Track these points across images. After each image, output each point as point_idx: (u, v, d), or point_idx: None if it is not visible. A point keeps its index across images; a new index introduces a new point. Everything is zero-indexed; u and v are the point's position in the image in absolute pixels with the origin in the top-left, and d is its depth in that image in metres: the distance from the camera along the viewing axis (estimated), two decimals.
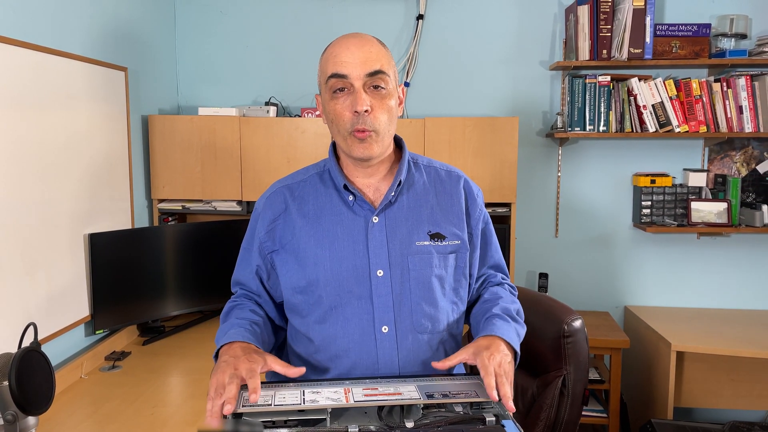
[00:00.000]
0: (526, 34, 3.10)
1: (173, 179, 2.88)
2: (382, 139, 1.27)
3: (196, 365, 2.34)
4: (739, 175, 3.05)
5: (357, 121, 1.23)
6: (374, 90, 1.24)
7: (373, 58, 1.24)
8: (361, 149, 1.26)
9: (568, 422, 1.60)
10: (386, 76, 1.25)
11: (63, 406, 1.97)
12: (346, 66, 1.22)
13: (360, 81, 1.23)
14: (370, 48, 1.25)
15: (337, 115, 1.25)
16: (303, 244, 1.31)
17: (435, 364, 1.20)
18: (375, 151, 1.26)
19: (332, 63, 1.24)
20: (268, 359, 1.17)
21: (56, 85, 2.18)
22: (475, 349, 1.20)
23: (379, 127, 1.25)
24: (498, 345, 1.22)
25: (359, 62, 1.22)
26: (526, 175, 3.14)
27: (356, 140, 1.25)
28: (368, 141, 1.25)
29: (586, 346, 1.64)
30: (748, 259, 3.12)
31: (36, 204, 2.08)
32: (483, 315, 1.35)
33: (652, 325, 2.87)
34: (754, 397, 2.88)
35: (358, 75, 1.22)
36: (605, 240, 3.19)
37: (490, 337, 1.24)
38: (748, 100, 2.85)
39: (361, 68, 1.22)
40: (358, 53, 1.23)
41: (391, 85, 1.27)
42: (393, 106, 1.28)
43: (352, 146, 1.26)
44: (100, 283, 2.40)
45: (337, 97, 1.25)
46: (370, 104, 1.23)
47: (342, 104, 1.24)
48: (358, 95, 1.22)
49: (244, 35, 3.19)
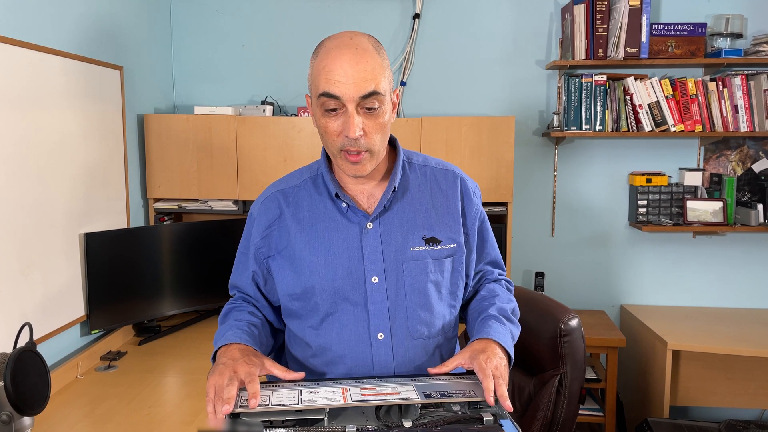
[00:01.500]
0: (522, 33, 3.10)
1: (169, 179, 2.88)
2: (376, 157, 1.24)
3: (192, 365, 2.34)
4: (734, 174, 3.06)
5: (347, 143, 1.19)
6: (367, 111, 1.19)
7: (368, 77, 1.16)
8: (353, 169, 1.23)
9: (564, 421, 1.60)
10: (381, 96, 1.18)
11: (59, 407, 1.97)
12: (339, 86, 1.15)
13: (353, 104, 1.16)
14: (365, 66, 1.16)
15: (328, 133, 1.21)
16: (298, 251, 1.30)
17: (431, 371, 1.20)
18: (367, 169, 1.24)
19: (324, 80, 1.17)
20: (266, 363, 1.17)
21: (51, 84, 2.17)
22: (471, 353, 1.20)
23: (373, 147, 1.21)
24: (493, 349, 1.21)
25: (353, 83, 1.15)
26: (522, 174, 3.14)
27: (347, 160, 1.22)
28: (362, 162, 1.22)
29: (583, 345, 1.64)
30: (743, 258, 3.13)
31: (31, 204, 2.07)
32: (479, 314, 1.35)
33: (648, 324, 2.88)
34: (750, 395, 2.89)
35: (351, 97, 1.16)
36: (601, 239, 3.19)
37: (485, 341, 1.24)
38: (744, 99, 2.86)
39: (354, 90, 1.15)
40: (352, 72, 1.15)
41: (386, 102, 1.21)
42: (387, 122, 1.23)
43: (343, 165, 1.23)
44: (96, 283, 2.39)
45: (328, 116, 1.20)
46: (362, 128, 1.18)
47: (333, 124, 1.19)
48: (351, 119, 1.17)
49: (240, 34, 3.18)
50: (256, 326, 1.31)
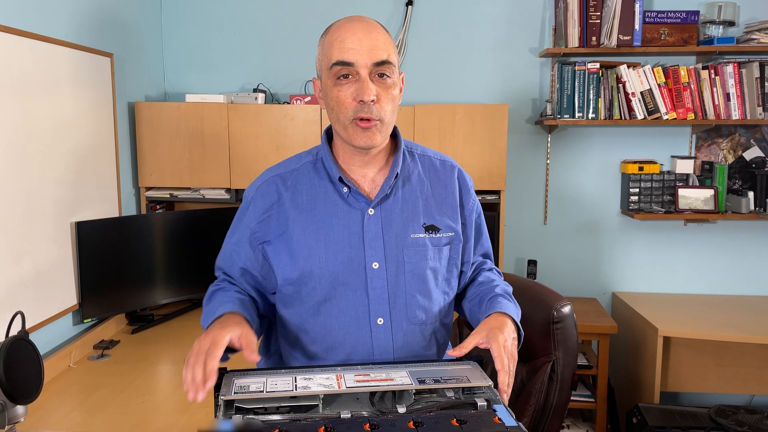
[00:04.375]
0: (515, 20, 3.09)
1: (161, 167, 2.86)
2: (386, 129, 1.26)
3: (185, 353, 2.31)
4: (725, 162, 3.08)
5: (361, 110, 1.21)
6: (380, 78, 1.22)
7: (381, 46, 1.21)
8: (364, 138, 1.24)
9: (556, 407, 1.61)
10: (392, 66, 1.23)
11: (52, 395, 1.96)
12: (353, 53, 1.19)
13: (366, 69, 1.20)
14: (378, 35, 1.22)
15: (340, 103, 1.23)
16: (296, 236, 1.30)
17: (450, 352, 1.21)
18: (378, 140, 1.25)
19: (338, 49, 1.21)
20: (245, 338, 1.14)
21: (41, 72, 2.14)
22: (488, 331, 1.22)
23: (384, 116, 1.23)
24: (508, 326, 1.25)
25: (366, 50, 1.20)
26: (515, 162, 3.14)
27: (359, 129, 1.23)
28: (372, 130, 1.23)
29: (575, 332, 1.65)
30: (734, 245, 3.16)
31: (21, 192, 2.05)
32: (485, 295, 1.37)
33: (639, 311, 2.90)
34: (739, 381, 2.92)
35: (365, 63, 1.20)
36: (593, 227, 3.21)
37: (500, 316, 1.27)
38: (736, 87, 2.87)
39: (368, 56, 1.20)
40: (366, 40, 1.20)
41: (395, 75, 1.25)
42: (397, 95, 1.27)
43: (354, 135, 1.24)
44: (88, 272, 2.38)
45: (341, 84, 1.22)
46: (376, 93, 1.21)
47: (346, 92, 1.22)
48: (365, 84, 1.20)
49: (232, 21, 3.15)
50: (245, 301, 1.31)
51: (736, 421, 2.53)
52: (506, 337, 1.20)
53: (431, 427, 0.99)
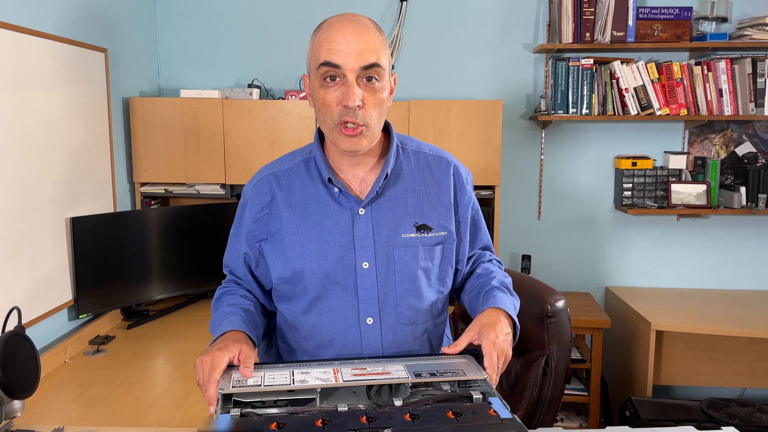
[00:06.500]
0: (509, 16, 3.10)
1: (155, 162, 2.85)
2: (373, 133, 1.24)
3: (180, 348, 2.34)
4: (718, 158, 3.10)
5: (346, 114, 1.19)
6: (367, 83, 1.19)
7: (370, 49, 1.17)
8: (348, 143, 1.22)
9: (550, 400, 1.63)
10: (381, 69, 1.19)
11: (48, 390, 1.97)
12: (341, 55, 1.16)
13: (353, 73, 1.17)
14: (368, 37, 1.18)
15: (326, 106, 1.20)
16: (289, 236, 1.30)
17: (444, 350, 1.22)
18: (363, 144, 1.23)
19: (326, 49, 1.18)
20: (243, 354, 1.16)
21: (34, 67, 2.14)
22: (480, 328, 1.22)
23: (370, 121, 1.21)
24: (502, 321, 1.24)
25: (355, 53, 1.16)
26: (509, 158, 3.15)
27: (343, 134, 1.21)
28: (357, 136, 1.21)
29: (569, 326, 1.66)
30: (726, 240, 3.18)
31: (16, 188, 2.05)
32: (482, 288, 1.36)
33: (632, 306, 2.92)
34: (731, 374, 2.95)
35: (352, 67, 1.16)
36: (587, 222, 3.22)
37: (494, 311, 1.26)
38: (728, 83, 2.89)
39: (356, 60, 1.16)
40: (355, 42, 1.16)
41: (385, 79, 1.22)
42: (384, 99, 1.23)
43: (338, 139, 1.22)
44: (83, 268, 2.38)
45: (327, 86, 1.19)
46: (362, 99, 1.18)
47: (332, 95, 1.19)
48: (351, 88, 1.17)
49: (226, 16, 3.14)
50: (249, 310, 1.32)
51: (727, 414, 2.55)
52: (498, 333, 1.20)
53: (427, 420, 1.00)
